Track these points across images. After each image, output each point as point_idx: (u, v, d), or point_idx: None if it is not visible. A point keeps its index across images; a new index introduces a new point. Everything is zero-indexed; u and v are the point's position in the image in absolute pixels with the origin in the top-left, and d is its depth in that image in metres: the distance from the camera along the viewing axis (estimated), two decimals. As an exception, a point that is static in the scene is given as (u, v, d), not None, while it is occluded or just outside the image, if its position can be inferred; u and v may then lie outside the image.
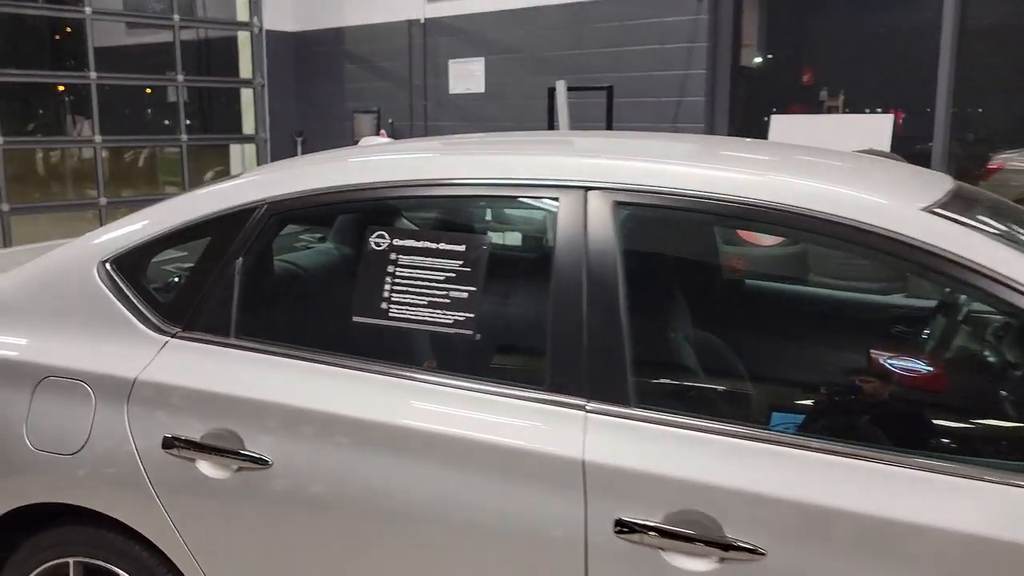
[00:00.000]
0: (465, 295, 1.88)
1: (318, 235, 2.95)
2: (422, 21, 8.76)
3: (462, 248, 1.91)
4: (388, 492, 1.79)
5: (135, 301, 2.13)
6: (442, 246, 1.92)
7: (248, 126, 9.67)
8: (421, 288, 1.92)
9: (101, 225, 8.08)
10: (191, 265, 2.16)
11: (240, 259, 2.06)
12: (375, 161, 2.08)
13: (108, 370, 2.06)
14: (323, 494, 1.84)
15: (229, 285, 2.06)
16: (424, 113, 8.89)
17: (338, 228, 2.70)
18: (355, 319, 1.96)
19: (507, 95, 8.12)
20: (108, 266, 2.17)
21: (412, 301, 1.92)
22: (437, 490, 1.76)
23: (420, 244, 1.94)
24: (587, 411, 1.74)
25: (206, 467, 1.96)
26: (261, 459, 1.90)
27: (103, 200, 8.14)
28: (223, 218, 2.11)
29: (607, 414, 1.72)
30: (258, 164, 9.58)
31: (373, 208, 2.18)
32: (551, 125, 7.22)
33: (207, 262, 2.10)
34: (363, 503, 1.81)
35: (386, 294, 1.95)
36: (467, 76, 8.64)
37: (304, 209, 2.07)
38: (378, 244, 1.98)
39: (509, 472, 1.72)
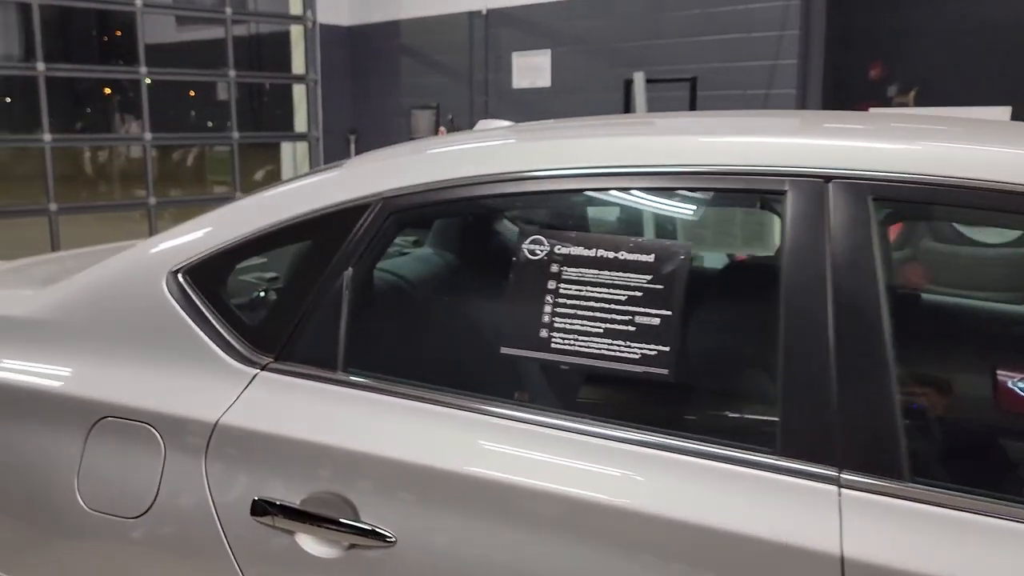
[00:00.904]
0: (657, 321, 1.41)
1: (411, 238, 2.49)
2: (484, 12, 8.31)
3: (652, 258, 1.43)
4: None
5: (215, 322, 1.68)
6: (623, 256, 1.45)
7: (300, 124, 9.29)
8: (594, 311, 1.44)
9: (149, 226, 7.77)
10: (285, 278, 1.71)
11: (349, 271, 1.60)
12: (539, 144, 1.61)
13: (181, 410, 1.62)
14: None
15: (335, 304, 1.60)
16: (485, 109, 8.44)
17: (443, 230, 2.23)
18: (504, 351, 1.49)
19: (576, 89, 7.64)
20: (181, 277, 1.72)
21: (582, 328, 1.44)
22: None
23: (593, 253, 1.47)
24: (841, 485, 1.25)
25: (308, 542, 1.50)
26: (381, 534, 1.44)
27: (152, 200, 7.79)
28: (325, 219, 1.65)
29: (871, 491, 1.23)
30: (310, 164, 9.20)
31: (526, 204, 1.70)
32: (627, 120, 6.71)
33: (305, 274, 1.64)
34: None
35: (546, 319, 1.47)
36: (532, 70, 8.17)
37: (433, 206, 1.60)
38: (534, 252, 1.51)
39: (732, 568, 1.24)
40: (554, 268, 1.49)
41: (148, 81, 7.62)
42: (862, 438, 1.25)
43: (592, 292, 1.45)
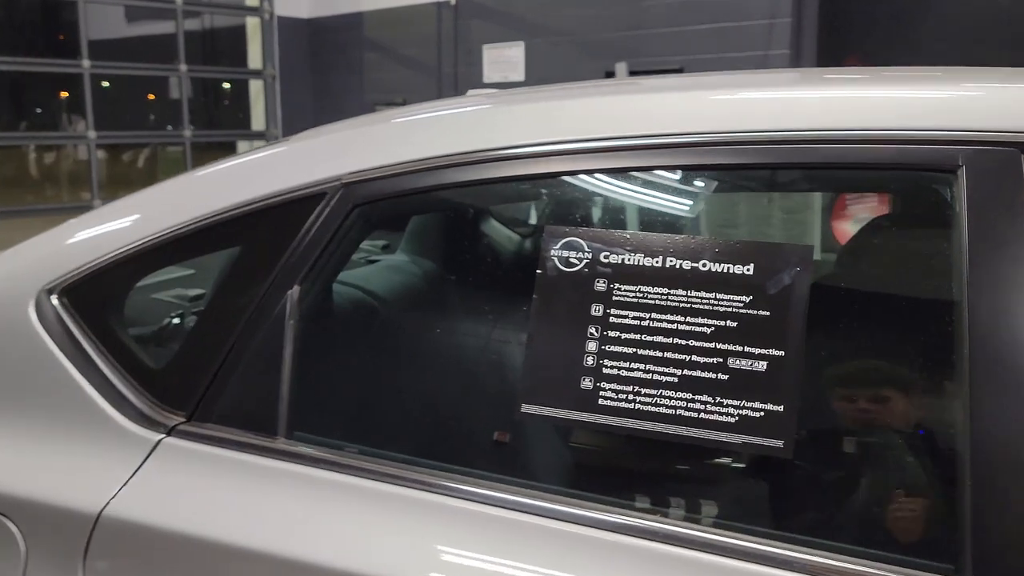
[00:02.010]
0: (763, 366, 0.92)
1: (381, 243, 1.97)
2: (453, 2, 7.82)
3: (752, 270, 0.95)
4: None
5: (102, 364, 1.17)
6: (707, 266, 0.96)
7: (258, 121, 8.72)
8: (664, 351, 0.96)
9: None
10: (205, 302, 1.21)
11: (295, 289, 1.10)
12: (567, 105, 1.13)
13: (50, 495, 1.11)
14: None
15: (275, 338, 1.09)
16: (455, 105, 7.93)
17: (424, 229, 1.70)
18: (525, 409, 1.00)
19: (552, 83, 7.16)
20: (56, 299, 1.21)
21: (645, 377, 0.96)
22: None
23: (659, 262, 0.98)
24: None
25: None
26: None
27: (97, 202, 7.18)
28: (262, 214, 1.14)
29: None
30: (269, 163, 8.62)
31: (550, 190, 1.19)
32: (609, 115, 6.26)
33: (233, 296, 1.14)
34: None
35: (590, 362, 0.98)
36: (504, 63, 7.70)
37: (417, 194, 1.10)
38: (568, 262, 1.01)
39: None
40: (600, 285, 1.00)
41: (99, 78, 7.03)
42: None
43: (659, 322, 0.97)
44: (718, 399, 0.93)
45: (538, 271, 1.02)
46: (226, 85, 9.88)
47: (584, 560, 0.90)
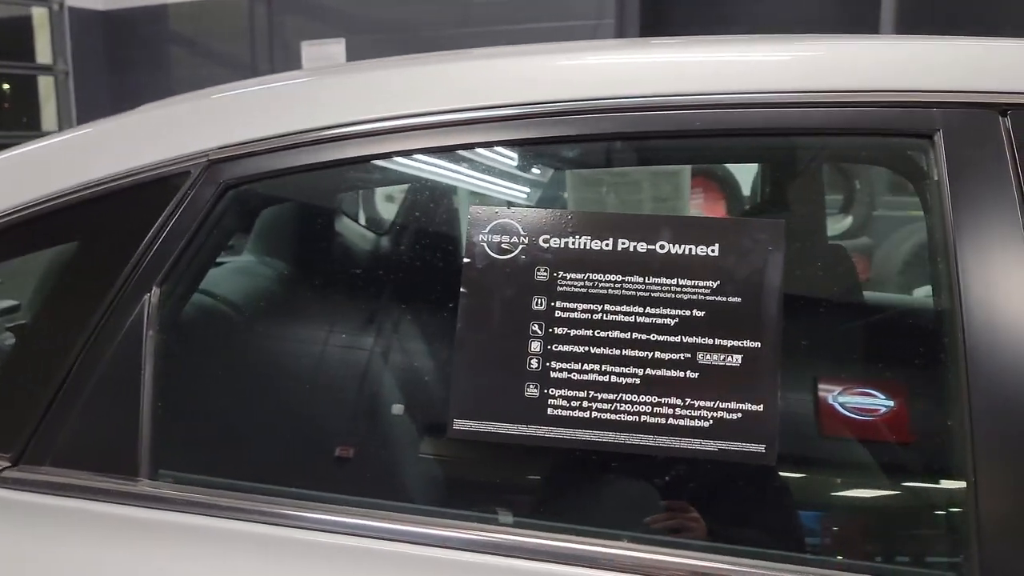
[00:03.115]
0: (738, 360, 0.80)
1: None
2: (266, -5, 7.44)
3: (715, 249, 0.82)
4: None
5: None
6: (664, 248, 0.83)
7: (49, 122, 7.95)
8: (621, 348, 0.82)
9: None
10: (30, 314, 0.96)
11: (155, 292, 0.88)
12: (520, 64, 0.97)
13: None
14: None
15: (130, 355, 0.87)
16: (273, 104, 7.55)
17: (273, 228, 1.45)
18: (458, 426, 0.83)
19: (378, 81, 6.94)
20: None
21: (601, 380, 0.82)
22: None
23: (609, 246, 0.84)
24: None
25: None
26: None
27: None
28: (108, 199, 0.91)
29: None
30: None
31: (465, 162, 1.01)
32: (438, 114, 6.12)
33: (69, 304, 0.90)
34: None
35: (535, 366, 0.83)
36: (325, 60, 7.38)
37: (312, 171, 0.91)
38: (500, 248, 0.85)
39: None
40: (541, 274, 0.85)
41: None
42: None
43: (614, 315, 0.83)
44: (688, 401, 0.80)
45: (464, 260, 0.86)
46: (5, 86, 8.96)
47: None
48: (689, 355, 0.81)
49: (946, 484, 0.79)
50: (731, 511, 0.89)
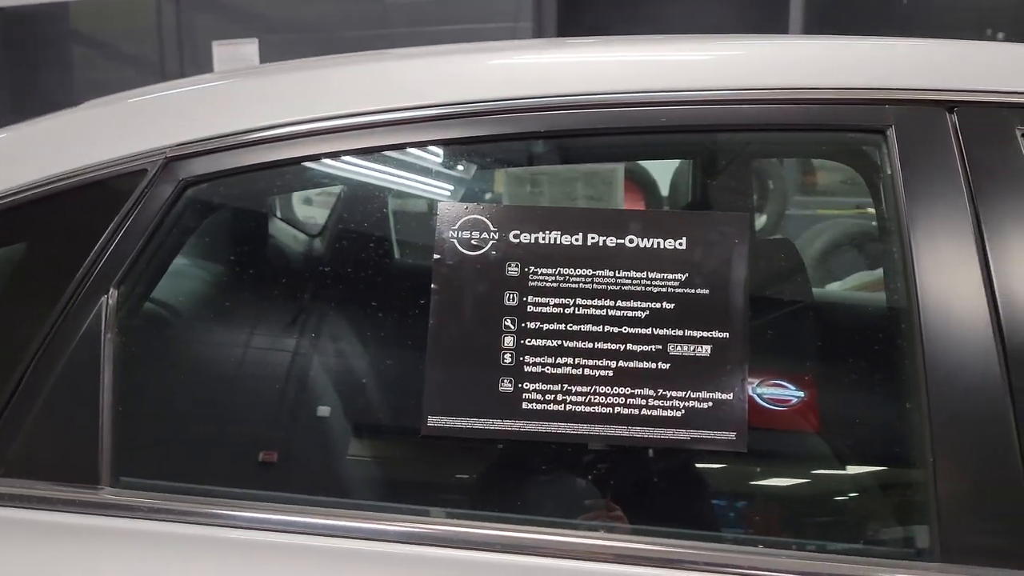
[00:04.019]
0: (707, 351, 0.82)
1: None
2: (175, -6, 7.24)
3: (683, 242, 0.84)
4: None
5: None
6: (634, 242, 0.85)
7: (-59, 124, 7.58)
8: (594, 341, 0.83)
9: None
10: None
11: (112, 293, 0.85)
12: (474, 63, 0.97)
13: None
14: None
15: (88, 357, 0.84)
16: (183, 106, 7.35)
17: (231, 227, 1.38)
18: (431, 423, 0.83)
19: (293, 82, 6.83)
20: None
21: (576, 374, 0.83)
22: None
23: (575, 241, 0.85)
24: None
25: None
26: None
27: None
28: (60, 197, 0.88)
29: None
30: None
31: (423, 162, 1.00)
32: (356, 116, 6.06)
33: (17, 308, 0.87)
34: None
35: (508, 360, 0.83)
36: (237, 60, 7.21)
37: (278, 169, 0.89)
38: (471, 243, 0.86)
39: None
40: (512, 269, 0.85)
41: None
42: None
43: (586, 308, 0.84)
44: (660, 391, 0.82)
45: (435, 256, 0.86)
46: None
47: None
48: (660, 347, 0.83)
49: (908, 468, 0.82)
50: (703, 497, 0.91)
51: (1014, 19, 5.46)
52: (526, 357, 0.83)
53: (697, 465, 0.89)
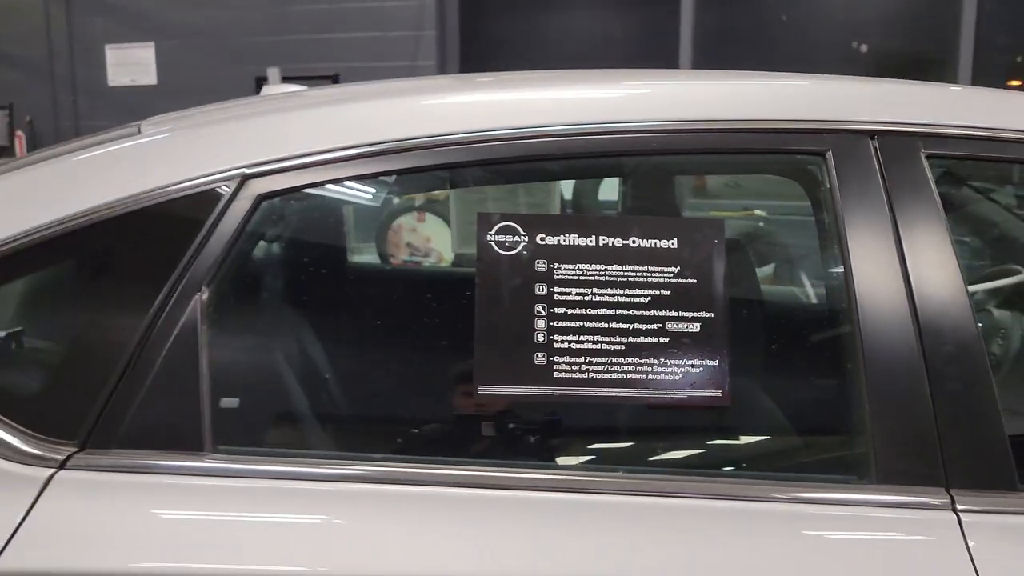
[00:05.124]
0: (697, 327, 1.05)
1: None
2: (64, -5, 7.07)
3: (674, 242, 1.06)
4: None
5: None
6: (636, 242, 1.06)
7: None
8: (608, 321, 1.04)
9: None
10: (75, 317, 1.05)
11: (204, 291, 1.01)
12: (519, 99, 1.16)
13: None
14: None
15: (188, 346, 1.00)
16: (75, 110, 7.21)
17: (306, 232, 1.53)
18: (482, 390, 1.02)
19: (195, 88, 6.76)
20: None
21: (595, 348, 1.04)
22: None
23: (590, 242, 1.06)
24: (958, 510, 1.00)
25: None
26: None
27: None
28: (148, 213, 1.03)
29: (993, 510, 1.01)
30: None
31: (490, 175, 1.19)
32: (262, 121, 6.09)
33: (120, 305, 1.02)
34: None
35: (541, 339, 1.04)
36: (133, 65, 7.14)
37: (344, 182, 1.07)
38: (505, 244, 1.06)
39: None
40: (541, 265, 1.05)
41: None
42: (972, 454, 1.02)
43: (601, 296, 1.05)
44: (662, 360, 1.04)
45: (476, 256, 1.05)
46: None
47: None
48: (660, 325, 1.04)
49: (849, 413, 1.07)
50: (698, 440, 1.14)
51: (877, 33, 6.02)
52: (555, 336, 1.04)
53: (690, 417, 1.12)
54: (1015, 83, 5.82)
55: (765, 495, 1.00)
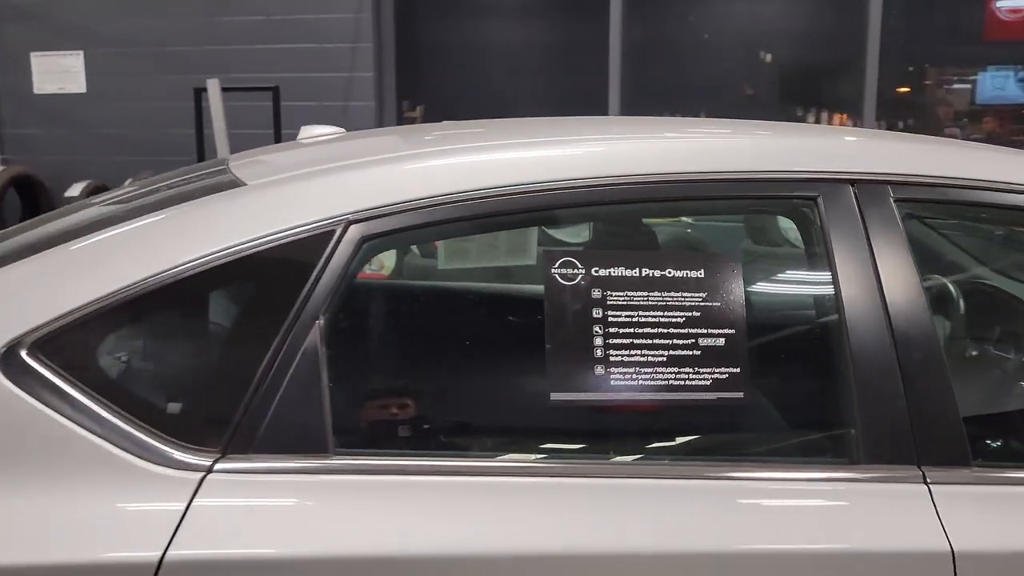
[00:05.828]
0: (722, 342, 1.29)
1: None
2: (-14, 3, 6.95)
3: (701, 274, 1.31)
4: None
5: (109, 416, 1.14)
6: (671, 274, 1.30)
7: None
8: (652, 339, 1.28)
9: None
10: (212, 341, 1.23)
11: (322, 317, 1.20)
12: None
13: (102, 556, 1.07)
14: None
15: (309, 364, 1.19)
16: (-1, 118, 7.08)
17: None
18: (555, 398, 1.25)
19: (128, 96, 6.76)
20: (28, 355, 1.14)
21: (642, 359, 1.27)
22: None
23: (635, 274, 1.30)
24: (928, 483, 1.27)
25: None
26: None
27: None
28: (266, 254, 1.22)
29: (955, 482, 1.28)
30: None
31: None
32: (200, 131, 6.16)
33: (253, 329, 1.20)
34: None
35: (599, 354, 1.27)
36: (60, 73, 7.06)
37: (443, 225, 1.28)
38: (567, 276, 1.28)
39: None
40: (596, 293, 1.28)
41: None
42: (938, 434, 1.29)
43: (646, 317, 1.28)
44: (696, 369, 1.28)
45: (544, 287, 1.27)
46: None
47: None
48: (693, 340, 1.28)
49: (838, 401, 1.33)
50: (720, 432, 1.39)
51: (780, 44, 6.48)
52: (610, 351, 1.26)
53: (717, 414, 1.36)
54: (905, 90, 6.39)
55: (769, 475, 1.26)
